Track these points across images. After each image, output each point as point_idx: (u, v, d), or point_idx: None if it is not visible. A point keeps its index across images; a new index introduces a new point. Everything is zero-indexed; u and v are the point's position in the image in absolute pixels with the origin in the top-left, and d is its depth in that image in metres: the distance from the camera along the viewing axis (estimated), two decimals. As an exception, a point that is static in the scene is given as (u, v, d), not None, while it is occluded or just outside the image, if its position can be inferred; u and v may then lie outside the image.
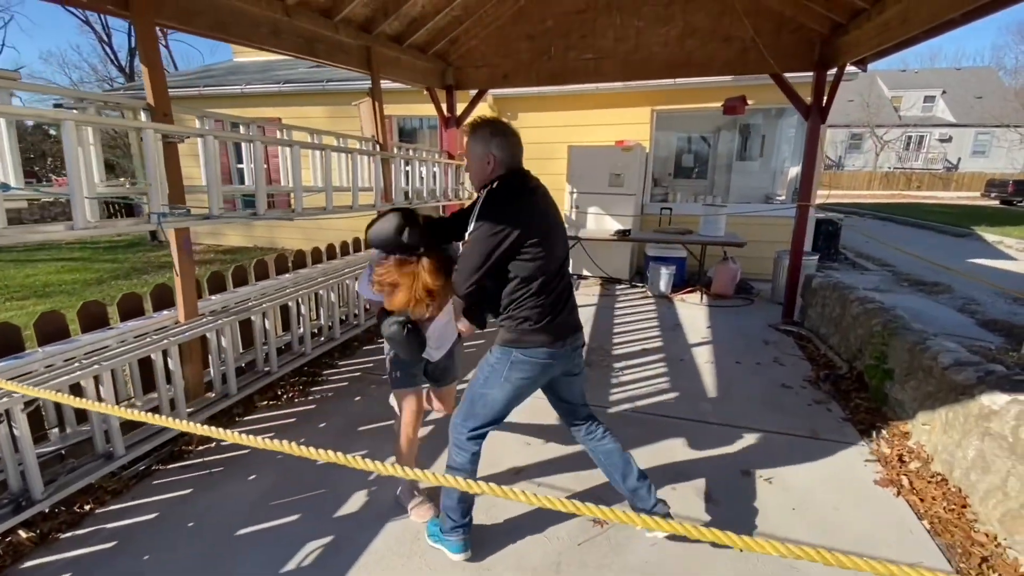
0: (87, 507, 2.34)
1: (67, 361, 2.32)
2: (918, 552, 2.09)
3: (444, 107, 5.92)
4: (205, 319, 2.93)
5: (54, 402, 2.42)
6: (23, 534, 2.12)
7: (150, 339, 2.61)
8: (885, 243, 7.77)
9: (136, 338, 2.62)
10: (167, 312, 2.88)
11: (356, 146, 4.18)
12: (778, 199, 7.42)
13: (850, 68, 4.65)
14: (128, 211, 10.97)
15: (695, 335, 4.71)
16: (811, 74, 4.65)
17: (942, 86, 31.49)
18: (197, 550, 2.12)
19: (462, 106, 6.07)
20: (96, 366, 2.32)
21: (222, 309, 3.13)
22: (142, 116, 2.57)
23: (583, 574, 2.00)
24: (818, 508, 2.37)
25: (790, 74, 4.66)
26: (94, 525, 2.25)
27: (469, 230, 1.78)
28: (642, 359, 4.12)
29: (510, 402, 1.95)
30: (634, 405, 3.35)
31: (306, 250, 4.18)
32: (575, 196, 6.68)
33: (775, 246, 6.15)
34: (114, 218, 10.76)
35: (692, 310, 5.52)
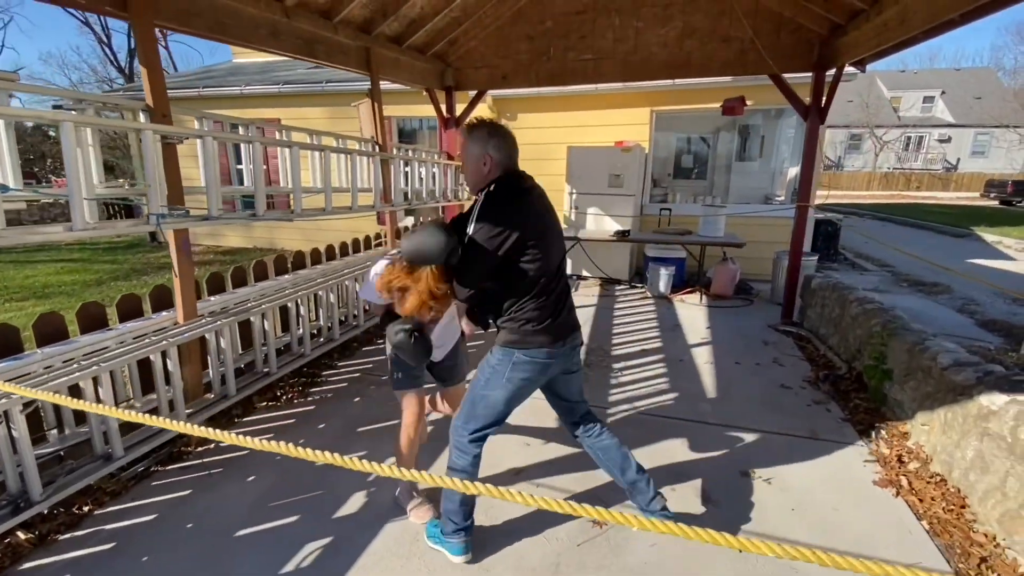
0: (86, 508, 2.34)
1: (66, 362, 2.32)
2: (917, 552, 2.09)
3: (443, 108, 5.93)
4: (204, 320, 2.93)
5: (53, 403, 2.42)
6: (22, 535, 2.12)
7: (149, 340, 2.61)
8: (884, 243, 7.77)
9: (135, 339, 2.62)
10: (166, 313, 2.88)
11: (355, 147, 4.18)
12: (777, 200, 7.42)
13: (849, 69, 4.66)
14: (128, 212, 10.96)
15: (694, 336, 4.71)
16: (810, 75, 4.65)
17: (941, 86, 31.53)
18: (196, 551, 2.12)
19: (461, 107, 6.07)
20: (95, 367, 2.31)
21: (221, 310, 3.13)
22: (141, 117, 2.58)
23: (582, 575, 2.00)
24: (817, 508, 2.37)
25: (789, 75, 4.67)
26: (93, 526, 2.25)
27: (468, 233, 1.78)
28: (641, 360, 4.13)
29: (511, 403, 1.96)
30: (633, 406, 3.35)
31: (305, 251, 4.18)
32: (574, 197, 6.69)
33: (774, 247, 6.15)
34: (114, 219, 10.76)
35: (691, 311, 5.52)
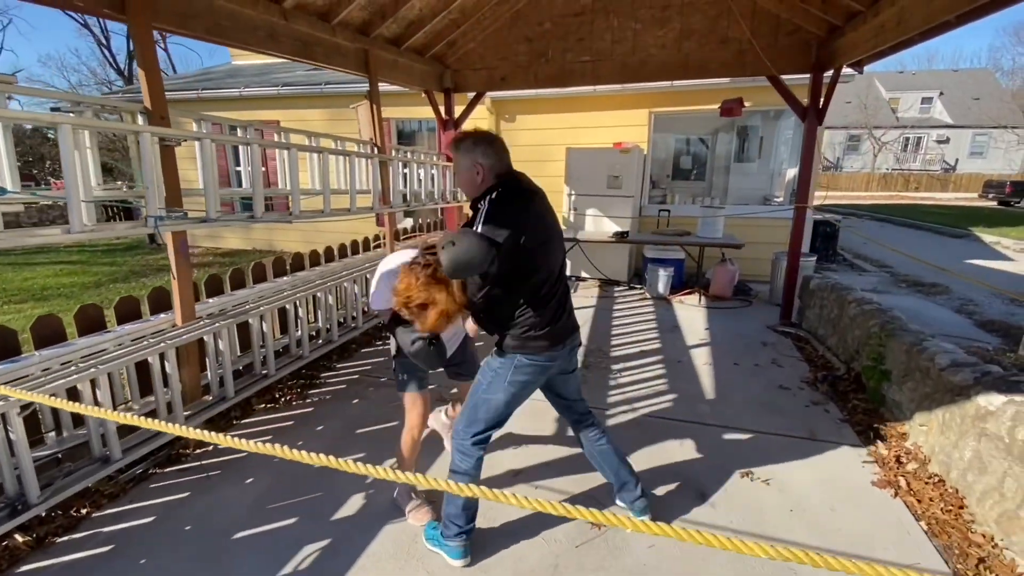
0: (84, 511, 2.33)
1: (64, 365, 2.32)
2: (916, 553, 2.09)
3: (442, 110, 5.94)
4: (202, 322, 2.93)
5: (50, 406, 2.42)
6: (19, 538, 2.12)
7: (147, 342, 2.61)
8: (883, 244, 7.78)
9: (133, 341, 2.62)
10: (164, 315, 2.88)
11: (354, 149, 4.19)
12: (776, 201, 7.43)
13: (847, 70, 4.67)
14: (127, 214, 10.97)
15: (693, 337, 4.71)
16: (808, 76, 4.66)
17: (939, 87, 31.61)
18: (194, 553, 2.12)
19: (460, 108, 6.08)
20: (93, 370, 2.31)
21: (219, 312, 3.13)
22: (139, 120, 2.58)
23: (581, 576, 2.00)
24: (816, 509, 2.37)
25: (787, 76, 4.68)
26: (91, 529, 2.25)
27: None
28: (640, 361, 4.13)
29: (512, 405, 1.98)
30: (632, 407, 3.34)
31: (304, 253, 4.18)
32: (573, 198, 6.69)
33: (773, 247, 6.16)
34: (112, 221, 10.76)
35: (690, 312, 5.52)
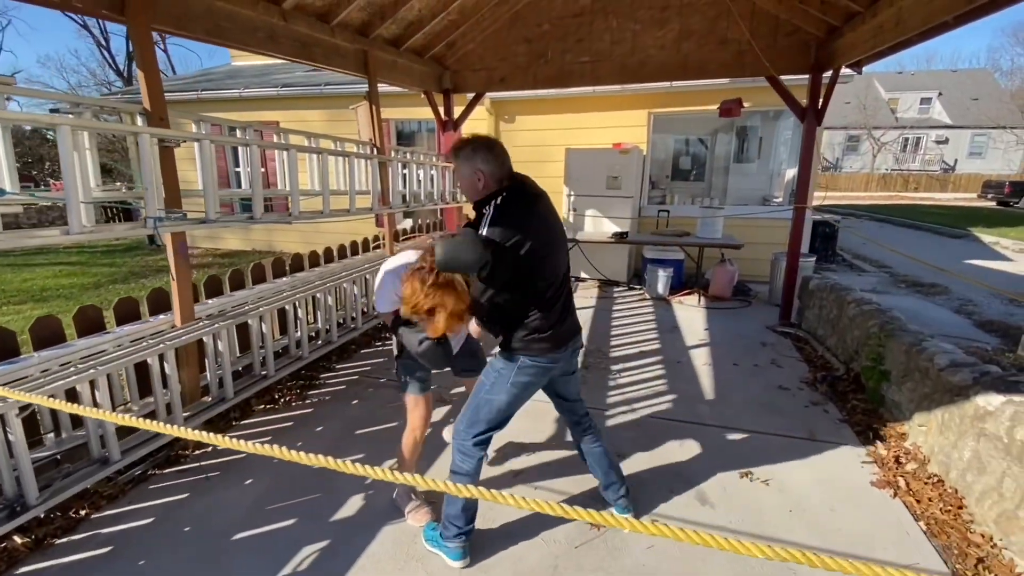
0: (83, 512, 2.33)
1: (63, 366, 2.32)
2: (915, 553, 2.09)
3: (441, 110, 5.94)
4: (202, 323, 2.92)
5: (49, 407, 2.41)
6: (18, 539, 2.12)
7: (146, 343, 2.61)
8: (882, 245, 7.78)
9: (132, 342, 2.62)
10: (164, 316, 2.88)
11: (353, 149, 4.19)
12: (775, 201, 7.44)
13: (846, 70, 4.67)
14: (126, 215, 10.97)
15: (693, 337, 4.71)
16: (807, 76, 4.67)
17: (938, 88, 31.64)
18: (194, 554, 2.12)
19: (459, 109, 6.08)
20: (92, 371, 2.31)
21: (219, 313, 3.13)
22: (138, 121, 2.58)
23: (580, 577, 2.00)
24: (815, 510, 2.37)
25: (786, 76, 4.69)
26: (90, 530, 2.25)
27: None
28: (640, 361, 4.13)
29: (513, 406, 1.99)
30: (632, 407, 3.35)
31: (304, 254, 4.18)
32: (572, 199, 6.69)
33: (772, 248, 6.16)
34: (113, 222, 10.76)
35: (690, 312, 5.52)
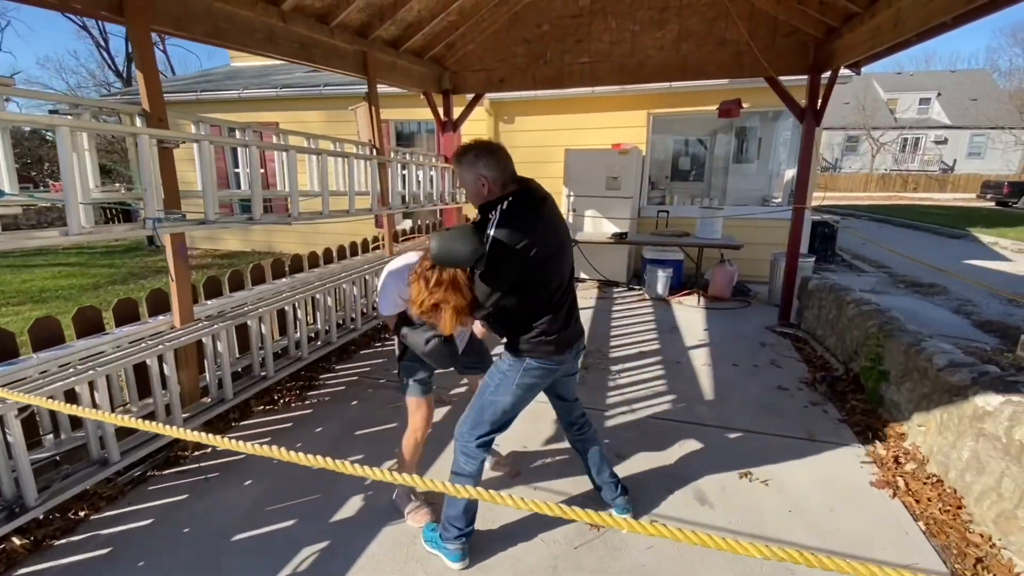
0: (82, 513, 2.33)
1: (62, 367, 2.32)
2: (914, 553, 2.10)
3: (441, 111, 5.94)
4: (201, 324, 2.92)
5: (48, 408, 2.41)
6: (17, 541, 2.11)
7: (145, 344, 2.61)
8: (881, 245, 7.80)
9: (131, 343, 2.62)
10: (163, 317, 2.88)
11: (352, 150, 4.19)
12: (774, 201, 7.44)
13: (844, 71, 4.68)
14: (125, 216, 10.97)
15: (692, 338, 4.71)
16: (805, 77, 4.68)
17: (937, 88, 31.69)
18: (193, 556, 2.12)
19: (459, 110, 6.08)
20: (91, 372, 2.31)
21: (218, 314, 3.12)
22: (137, 122, 2.58)
23: (579, 578, 2.00)
24: (814, 510, 2.37)
25: (785, 77, 4.69)
26: (89, 531, 2.25)
27: (484, 251, 1.74)
28: (639, 362, 4.13)
29: (517, 407, 2.00)
30: (631, 408, 3.34)
31: (303, 254, 4.18)
32: (572, 199, 6.70)
33: (772, 248, 6.17)
34: (112, 223, 10.76)
35: (689, 312, 5.53)
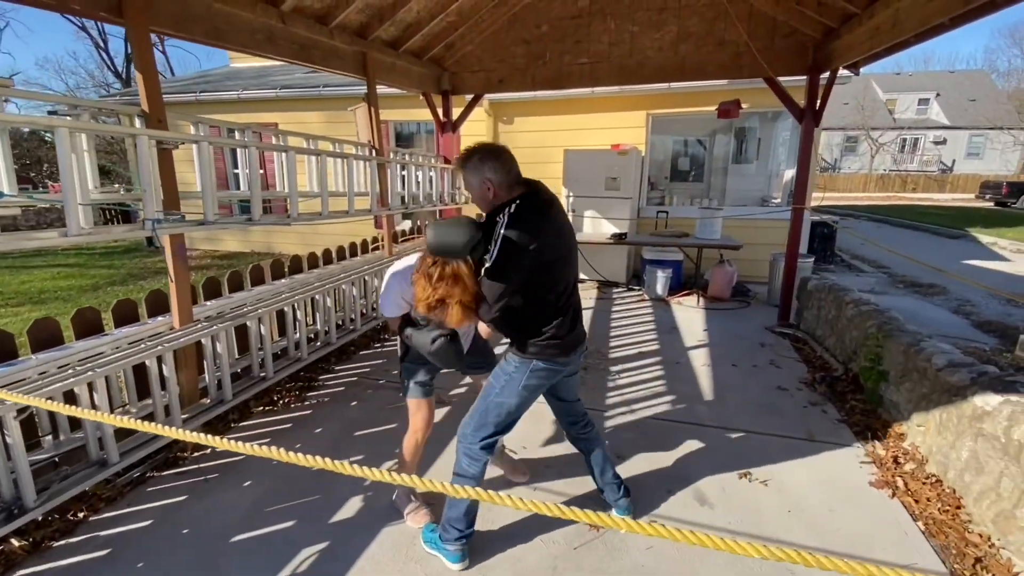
0: (81, 514, 2.33)
1: (61, 368, 2.32)
2: (913, 553, 2.10)
3: (440, 112, 5.95)
4: (200, 325, 2.92)
5: (47, 409, 2.41)
6: (15, 542, 2.11)
7: (144, 345, 2.61)
8: (880, 245, 7.81)
9: (131, 344, 2.61)
10: (162, 318, 2.87)
11: (352, 151, 4.19)
12: (774, 202, 7.45)
13: (843, 72, 4.69)
14: (124, 217, 10.96)
15: (691, 338, 4.72)
16: (804, 78, 4.68)
17: (936, 89, 31.73)
18: (192, 557, 2.12)
19: (458, 111, 6.09)
20: (90, 373, 2.31)
21: (217, 315, 3.12)
22: (137, 123, 2.58)
23: (579, 578, 2.00)
24: (814, 510, 2.37)
25: (784, 78, 4.70)
26: (88, 533, 2.24)
27: (491, 253, 1.74)
28: (639, 362, 4.13)
29: (522, 408, 2.00)
30: (631, 408, 3.35)
31: (303, 255, 4.18)
32: (571, 200, 6.70)
33: (771, 249, 6.17)
34: (111, 224, 10.75)
35: (689, 313, 5.53)
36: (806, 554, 0.58)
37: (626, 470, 2.64)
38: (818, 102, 4.68)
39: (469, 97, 6.01)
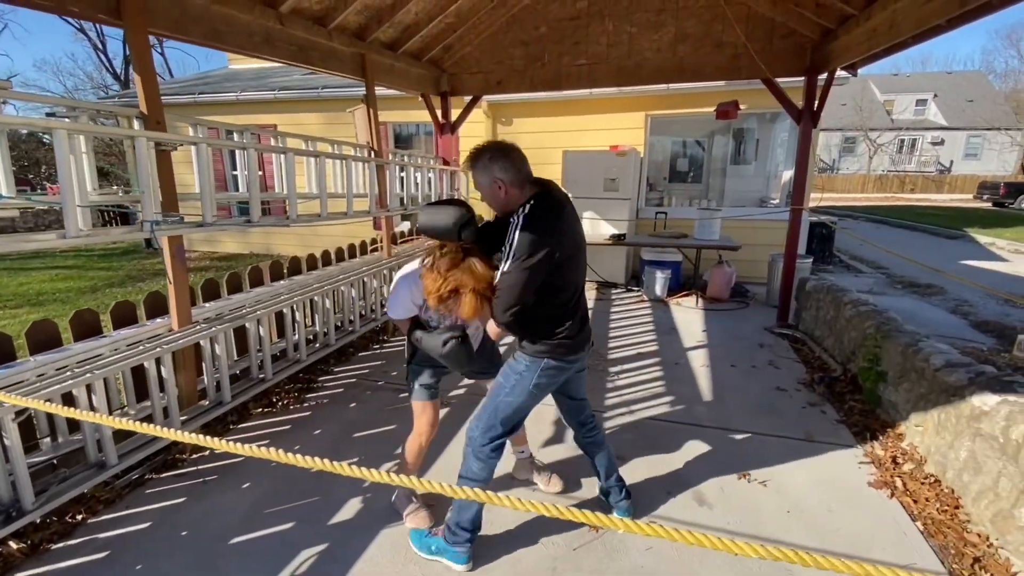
0: (79, 517, 2.32)
1: (59, 370, 2.31)
2: (912, 553, 2.10)
3: (439, 113, 5.95)
4: (199, 326, 2.92)
5: (46, 412, 2.41)
6: (13, 545, 2.10)
7: (143, 347, 2.60)
8: (879, 246, 7.84)
9: (129, 346, 2.61)
10: (161, 320, 2.87)
11: (351, 152, 4.19)
12: (772, 203, 7.46)
13: (841, 73, 4.70)
14: (123, 219, 10.94)
15: (690, 339, 4.72)
16: (802, 79, 4.69)
17: (933, 90, 31.84)
18: (191, 559, 2.11)
19: (457, 112, 6.09)
20: (88, 375, 2.30)
21: (216, 316, 3.12)
22: (135, 124, 2.58)
23: (578, 579, 1.99)
24: (813, 511, 2.37)
25: (782, 79, 4.71)
26: (86, 535, 2.24)
27: (507, 255, 1.72)
28: (638, 363, 4.13)
29: (529, 407, 2.00)
30: (630, 409, 3.35)
31: (301, 257, 4.18)
32: (570, 201, 6.70)
33: (770, 249, 6.18)
34: (109, 226, 10.71)
35: (687, 314, 5.53)
36: (805, 554, 0.59)
37: (625, 471, 2.64)
38: (816, 103, 4.69)
39: (468, 98, 6.02)
